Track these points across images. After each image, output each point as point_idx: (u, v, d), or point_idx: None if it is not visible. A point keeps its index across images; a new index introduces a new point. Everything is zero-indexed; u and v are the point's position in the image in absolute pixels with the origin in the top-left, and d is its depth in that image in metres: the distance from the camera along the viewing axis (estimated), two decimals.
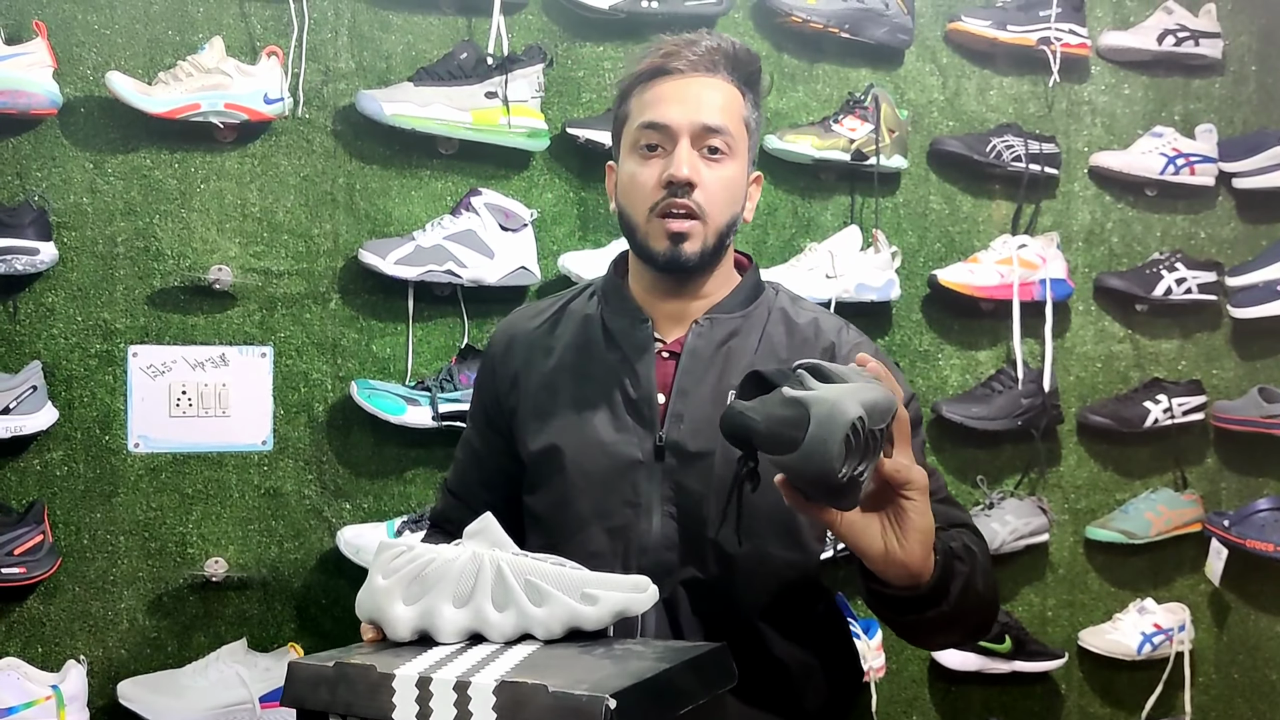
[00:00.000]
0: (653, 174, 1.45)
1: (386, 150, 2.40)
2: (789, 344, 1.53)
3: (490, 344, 1.66)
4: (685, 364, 1.49)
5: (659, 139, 1.46)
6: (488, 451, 1.64)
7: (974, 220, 2.76)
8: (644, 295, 1.54)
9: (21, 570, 2.12)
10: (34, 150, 2.22)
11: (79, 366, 2.25)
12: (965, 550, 1.30)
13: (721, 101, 1.48)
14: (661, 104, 1.46)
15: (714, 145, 1.46)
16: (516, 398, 1.57)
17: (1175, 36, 2.81)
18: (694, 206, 1.44)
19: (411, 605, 1.26)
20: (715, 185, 1.46)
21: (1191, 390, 2.82)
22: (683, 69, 1.47)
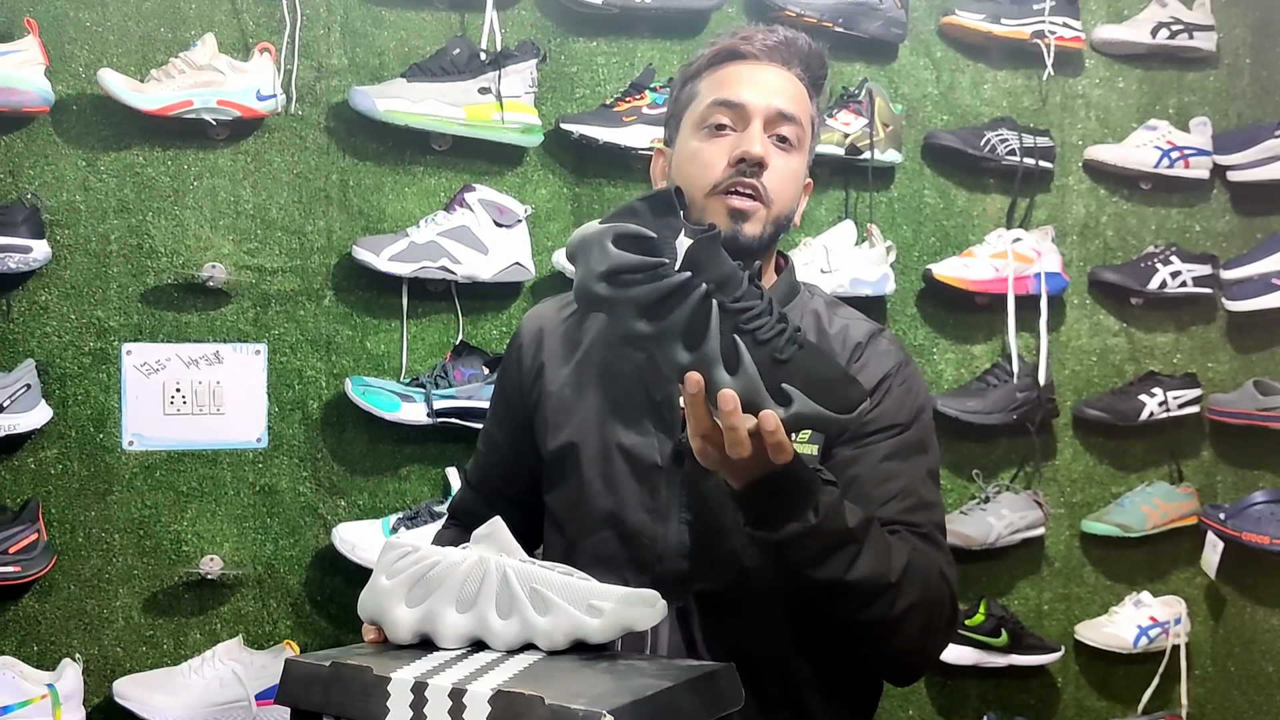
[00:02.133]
0: (721, 151, 1.41)
1: (380, 146, 2.39)
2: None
3: (518, 334, 1.60)
4: None
5: (731, 118, 1.42)
6: (509, 444, 1.59)
7: (969, 214, 2.76)
8: None
9: (16, 569, 2.12)
10: (26, 148, 2.22)
11: (73, 364, 2.25)
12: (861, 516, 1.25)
13: (793, 92, 1.44)
14: (736, 84, 1.42)
15: (784, 134, 1.42)
16: (539, 391, 1.53)
17: (1169, 29, 2.81)
18: (761, 188, 1.39)
19: (414, 608, 1.24)
20: (783, 172, 1.42)
21: (1187, 383, 2.83)
22: (758, 55, 1.44)
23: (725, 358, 1.13)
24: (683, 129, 1.47)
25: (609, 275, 1.13)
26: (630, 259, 1.12)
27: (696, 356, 1.13)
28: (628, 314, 1.14)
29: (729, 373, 1.13)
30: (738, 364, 1.13)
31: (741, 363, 1.13)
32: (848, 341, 1.47)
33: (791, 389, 1.13)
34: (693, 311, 1.12)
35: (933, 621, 1.34)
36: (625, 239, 1.13)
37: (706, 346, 1.13)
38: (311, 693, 1.17)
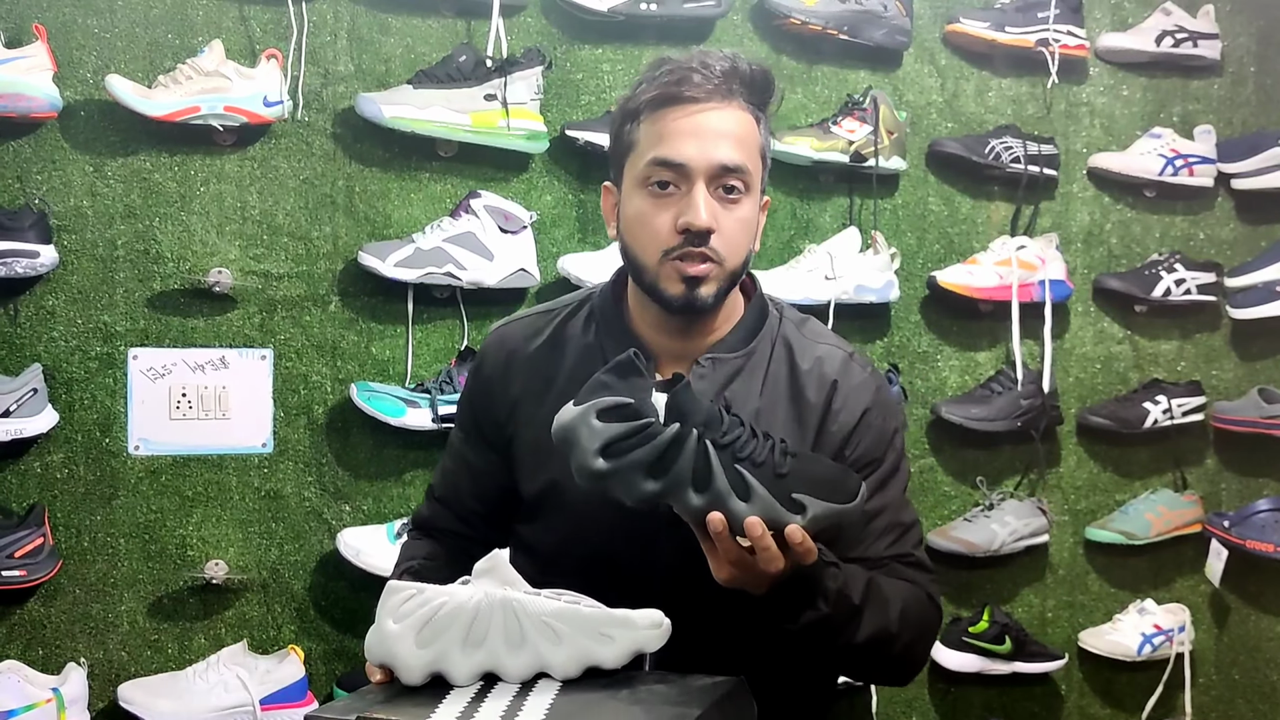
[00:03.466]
0: (667, 218, 1.36)
1: (386, 153, 2.40)
2: (790, 388, 1.46)
3: (484, 360, 1.56)
4: None
5: (673, 177, 1.36)
6: (483, 465, 1.56)
7: (973, 221, 2.76)
8: (646, 329, 1.46)
9: (22, 573, 2.12)
10: (34, 154, 2.23)
11: (79, 369, 2.26)
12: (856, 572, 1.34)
13: (739, 133, 1.38)
14: (675, 139, 1.35)
15: (731, 184, 1.37)
16: (515, 427, 1.50)
17: (1174, 38, 2.81)
18: (711, 254, 1.36)
19: (424, 649, 1.23)
20: (733, 229, 1.37)
21: (1191, 391, 2.82)
22: (697, 97, 1.36)
23: (735, 489, 1.20)
24: (626, 178, 1.42)
25: (605, 449, 1.20)
26: (621, 428, 1.19)
27: (709, 496, 1.20)
28: (634, 479, 1.20)
29: (743, 501, 1.20)
30: (748, 491, 1.20)
31: (751, 489, 1.20)
32: (824, 380, 1.46)
33: (802, 497, 1.21)
34: (694, 457, 1.19)
35: (925, 643, 1.45)
36: (606, 412, 1.20)
37: (715, 485, 1.20)
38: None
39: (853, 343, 2.60)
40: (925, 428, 2.72)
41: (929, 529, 2.70)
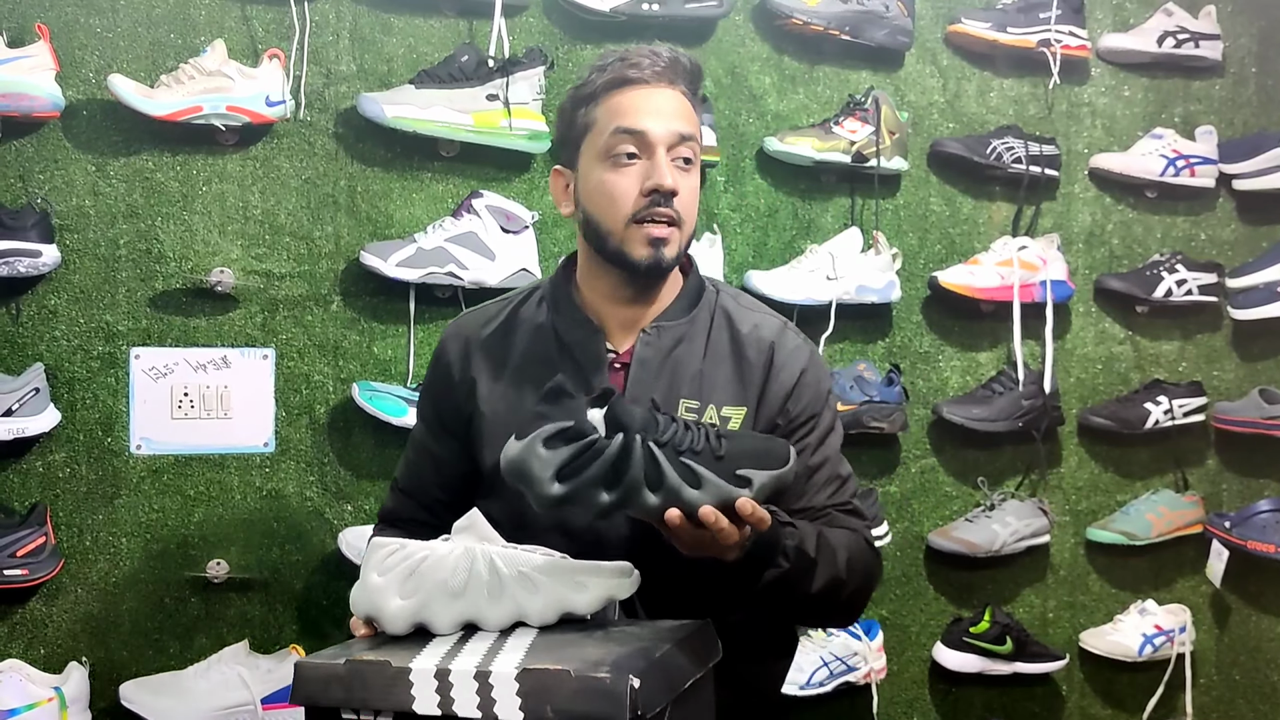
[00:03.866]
0: (632, 182, 1.48)
1: (388, 153, 2.40)
2: (734, 351, 1.58)
3: (443, 349, 1.66)
4: (635, 374, 1.55)
5: (636, 147, 1.49)
6: (444, 454, 1.66)
7: (974, 222, 2.77)
8: (597, 302, 1.58)
9: (24, 572, 2.12)
10: (36, 153, 2.23)
11: (81, 369, 2.26)
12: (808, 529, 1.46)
13: (685, 112, 1.53)
14: (635, 114, 1.49)
15: (686, 155, 1.51)
16: (474, 406, 1.60)
17: (1175, 38, 2.81)
18: (674, 214, 1.49)
19: (407, 600, 1.30)
20: (689, 194, 1.51)
21: (1192, 392, 2.82)
22: (648, 79, 1.51)
23: (686, 480, 1.28)
24: (584, 156, 1.54)
25: (559, 474, 1.26)
26: (568, 450, 1.26)
27: (664, 493, 1.27)
28: (592, 494, 1.27)
29: (695, 489, 1.28)
30: (698, 479, 1.28)
31: (700, 476, 1.28)
32: (762, 343, 1.59)
33: (745, 471, 1.29)
34: (642, 461, 1.27)
35: (870, 586, 1.59)
36: (551, 439, 1.27)
37: (668, 481, 1.27)
38: (331, 691, 1.22)
39: (854, 343, 2.66)
40: (926, 428, 2.73)
41: (931, 529, 2.70)
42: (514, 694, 1.16)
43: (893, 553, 2.70)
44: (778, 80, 2.63)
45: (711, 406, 1.55)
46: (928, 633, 2.73)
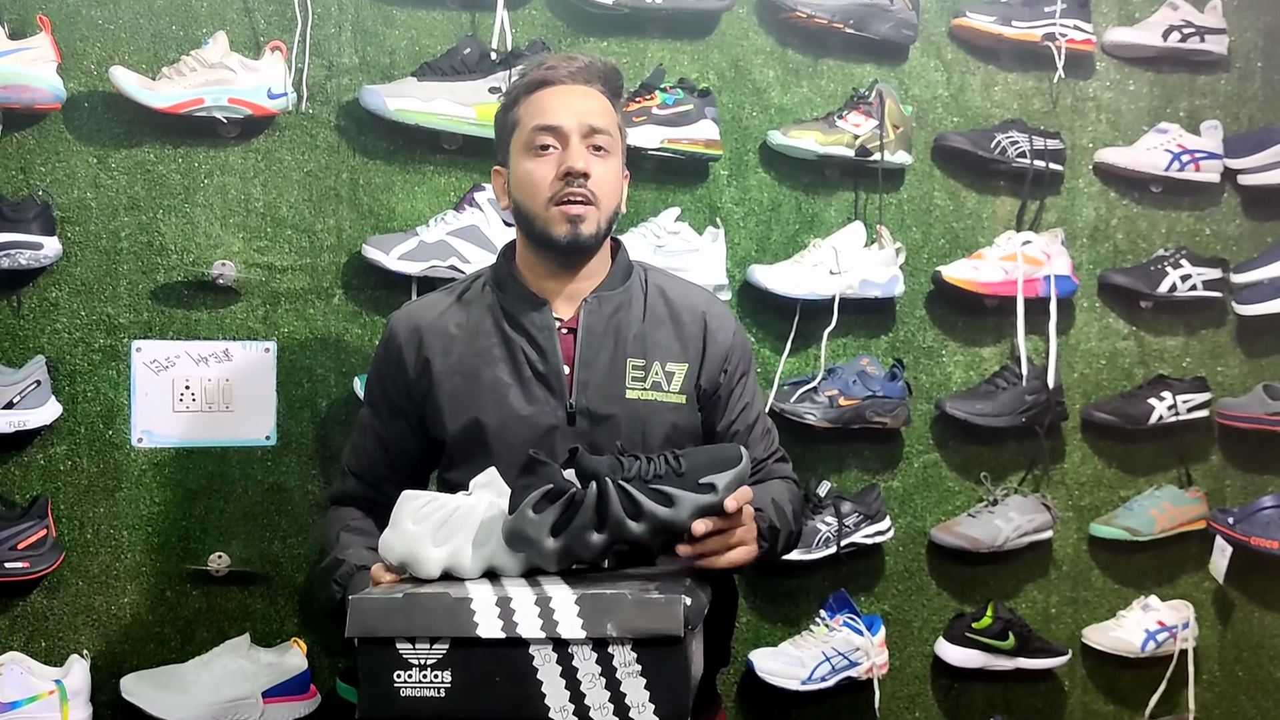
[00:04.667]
0: (549, 169, 1.65)
1: (390, 145, 2.40)
2: (671, 314, 1.76)
3: (392, 335, 1.77)
4: (584, 338, 1.70)
5: (552, 139, 1.66)
6: (391, 436, 1.78)
7: (978, 216, 2.76)
8: (537, 281, 1.73)
9: (25, 565, 2.12)
10: (38, 145, 2.22)
11: (83, 361, 2.25)
12: (766, 501, 1.67)
13: (599, 107, 1.69)
14: (551, 109, 1.67)
15: (599, 144, 1.67)
16: (428, 384, 1.72)
17: (1180, 32, 2.80)
18: (589, 194, 1.65)
19: (440, 547, 1.40)
20: (603, 176, 1.67)
21: (1196, 387, 2.82)
22: (563, 79, 1.68)
23: (660, 503, 1.41)
24: (513, 153, 1.71)
25: (554, 531, 1.39)
26: (554, 509, 1.39)
27: (646, 519, 1.40)
28: (584, 540, 1.39)
29: (668, 508, 1.41)
30: (670, 499, 1.41)
31: (671, 496, 1.41)
32: (695, 309, 1.78)
33: (708, 478, 1.43)
34: (619, 500, 1.40)
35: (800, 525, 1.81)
36: (538, 504, 1.39)
37: (645, 509, 1.40)
38: (392, 621, 1.31)
39: (857, 338, 2.67)
40: (929, 423, 2.72)
41: (933, 524, 2.70)
42: (575, 615, 1.27)
43: (895, 548, 2.70)
44: (781, 74, 2.62)
45: (656, 363, 1.72)
46: (930, 628, 2.72)
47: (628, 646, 1.28)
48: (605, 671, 1.29)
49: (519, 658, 1.29)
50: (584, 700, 1.29)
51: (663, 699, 1.29)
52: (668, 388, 1.71)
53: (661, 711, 1.29)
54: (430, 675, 1.30)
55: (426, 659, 1.30)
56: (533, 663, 1.29)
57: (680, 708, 1.30)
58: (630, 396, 1.69)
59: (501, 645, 1.29)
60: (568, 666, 1.29)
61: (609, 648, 1.29)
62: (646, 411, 1.69)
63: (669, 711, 1.29)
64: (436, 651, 1.30)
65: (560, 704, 1.29)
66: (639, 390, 1.70)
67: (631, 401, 1.69)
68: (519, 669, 1.29)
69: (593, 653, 1.29)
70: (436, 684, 1.30)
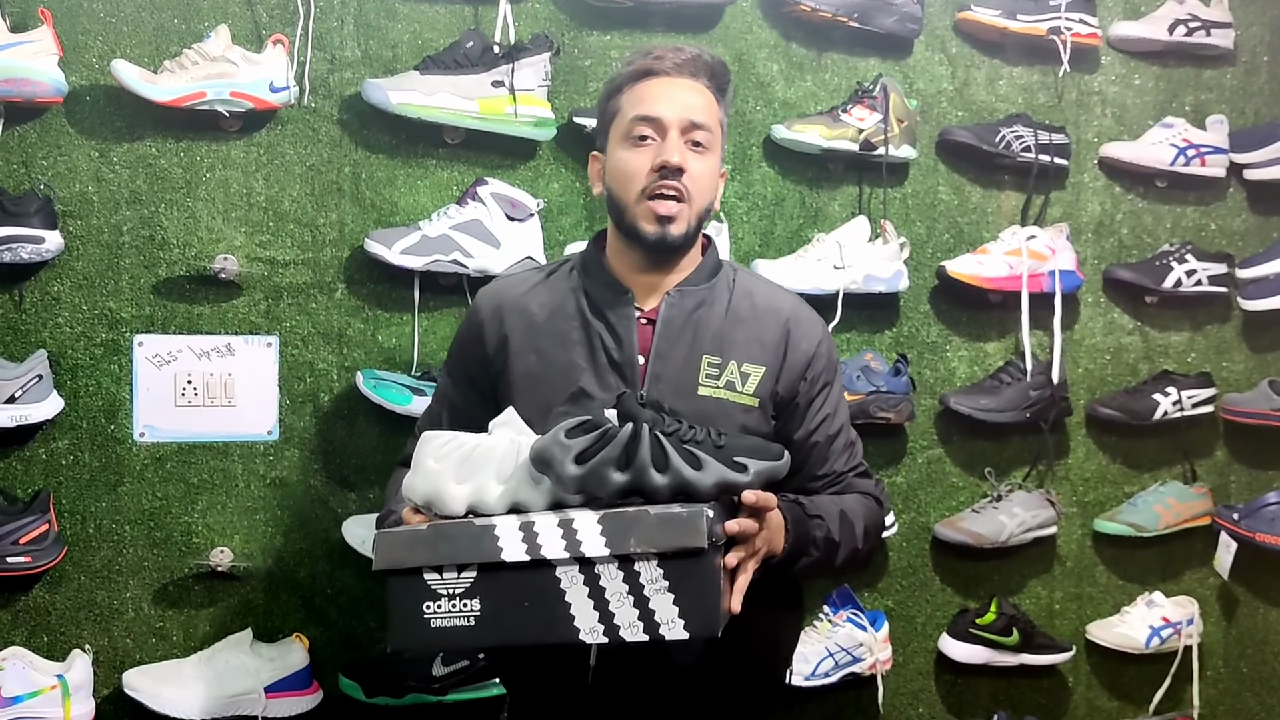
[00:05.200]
0: (645, 161, 1.64)
1: (392, 139, 2.39)
2: (753, 316, 1.73)
3: (476, 309, 1.78)
4: (661, 330, 1.69)
5: (650, 130, 1.65)
6: (466, 407, 1.77)
7: (983, 211, 2.75)
8: (623, 270, 1.73)
9: (27, 559, 2.12)
10: (39, 138, 2.22)
11: (84, 356, 2.25)
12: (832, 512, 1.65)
13: (702, 102, 1.68)
14: (652, 100, 1.65)
15: (698, 139, 1.65)
16: (504, 360, 1.72)
17: (1186, 26, 2.79)
18: (682, 190, 1.63)
19: (462, 484, 1.42)
20: (699, 173, 1.65)
21: (1201, 383, 2.81)
22: (668, 70, 1.67)
23: (689, 463, 1.40)
24: (611, 140, 1.71)
25: (578, 458, 1.38)
26: (587, 438, 1.40)
27: (670, 474, 1.39)
28: (605, 475, 1.38)
29: (696, 470, 1.40)
30: (699, 462, 1.41)
31: (702, 460, 1.41)
32: (780, 314, 1.75)
33: (742, 459, 1.43)
34: (650, 447, 1.39)
35: (879, 540, 1.80)
36: (572, 430, 1.40)
37: (672, 463, 1.39)
38: (416, 552, 1.34)
39: (861, 333, 2.67)
40: (933, 418, 2.71)
41: (937, 520, 2.69)
42: (598, 534, 1.29)
43: (899, 544, 2.69)
44: (785, 67, 2.61)
45: (733, 363, 1.69)
46: (934, 624, 2.72)
47: (653, 562, 1.30)
48: (633, 589, 1.30)
49: (546, 580, 1.31)
50: (613, 619, 1.30)
51: (692, 613, 1.29)
52: (741, 388, 1.68)
53: (691, 626, 1.30)
54: (459, 604, 1.32)
55: (455, 588, 1.32)
56: (560, 584, 1.31)
57: (709, 621, 1.30)
58: (702, 393, 1.67)
59: (527, 569, 1.31)
60: (595, 586, 1.30)
61: (635, 565, 1.30)
62: (716, 410, 1.66)
63: (699, 625, 1.30)
64: (464, 580, 1.32)
65: (590, 624, 1.31)
66: (711, 388, 1.67)
67: (703, 399, 1.66)
68: (546, 591, 1.31)
69: (619, 570, 1.30)
70: (466, 613, 1.32)
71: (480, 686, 2.32)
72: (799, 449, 1.70)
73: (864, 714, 2.64)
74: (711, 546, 1.30)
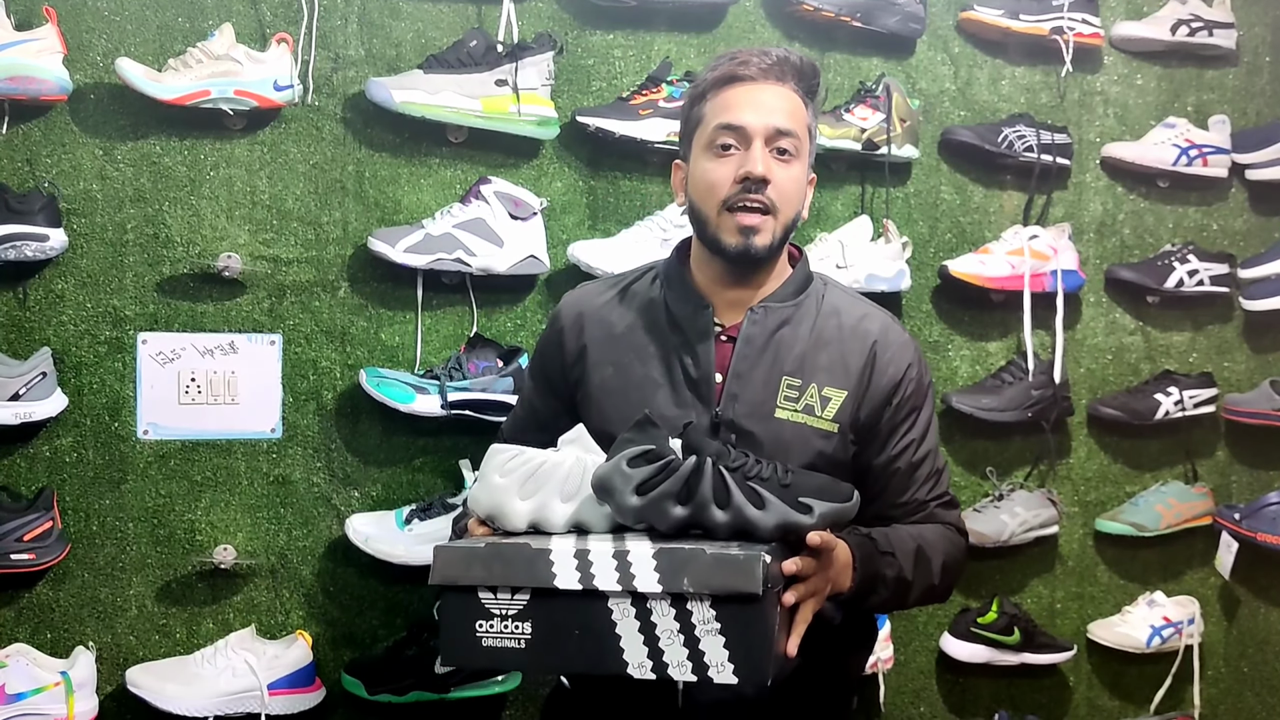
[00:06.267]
0: (728, 171, 1.58)
1: (396, 138, 2.39)
2: (839, 337, 1.66)
3: (559, 315, 1.76)
4: (741, 349, 1.63)
5: (734, 139, 1.58)
6: (548, 412, 1.76)
7: (985, 211, 2.75)
8: (706, 283, 1.67)
9: (31, 556, 2.12)
10: (44, 137, 2.22)
11: (88, 353, 2.25)
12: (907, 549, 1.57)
13: (789, 108, 1.60)
14: (736, 108, 1.59)
15: (783, 147, 1.59)
16: (582, 370, 1.70)
17: (1189, 26, 2.79)
18: (766, 202, 1.57)
19: (527, 500, 1.42)
20: (785, 182, 1.59)
21: (1203, 383, 2.81)
22: (754, 76, 1.60)
23: (751, 501, 1.37)
24: (694, 148, 1.64)
25: (639, 489, 1.37)
26: (649, 469, 1.38)
27: (732, 511, 1.36)
28: (665, 508, 1.36)
29: (759, 509, 1.37)
30: (762, 501, 1.38)
31: (765, 499, 1.38)
32: (868, 335, 1.67)
33: (807, 500, 1.39)
34: (712, 481, 1.37)
35: (960, 574, 1.69)
36: (634, 460, 1.38)
37: (734, 500, 1.37)
38: (472, 570, 1.33)
39: None
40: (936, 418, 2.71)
41: None
42: (652, 570, 1.27)
43: None
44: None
45: (813, 386, 1.63)
46: (935, 623, 2.72)
47: (706, 603, 1.27)
48: (684, 628, 1.28)
49: (598, 610, 1.30)
50: (662, 656, 1.29)
51: (742, 658, 1.27)
52: (820, 413, 1.62)
53: (741, 671, 1.28)
54: (511, 626, 1.32)
55: (508, 610, 1.31)
56: (611, 616, 1.30)
57: (760, 670, 1.28)
58: (779, 416, 1.61)
59: (580, 597, 1.29)
60: (646, 621, 1.29)
61: (688, 604, 1.28)
62: (793, 434, 1.61)
63: (748, 671, 1.28)
64: (518, 602, 1.31)
65: (639, 659, 1.29)
66: (789, 411, 1.61)
67: (779, 421, 1.60)
68: (597, 622, 1.30)
69: (671, 608, 1.28)
70: (517, 635, 1.31)
71: (483, 684, 2.32)
72: (879, 475, 1.66)
73: (866, 713, 2.64)
74: (767, 592, 1.27)
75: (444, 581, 1.34)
